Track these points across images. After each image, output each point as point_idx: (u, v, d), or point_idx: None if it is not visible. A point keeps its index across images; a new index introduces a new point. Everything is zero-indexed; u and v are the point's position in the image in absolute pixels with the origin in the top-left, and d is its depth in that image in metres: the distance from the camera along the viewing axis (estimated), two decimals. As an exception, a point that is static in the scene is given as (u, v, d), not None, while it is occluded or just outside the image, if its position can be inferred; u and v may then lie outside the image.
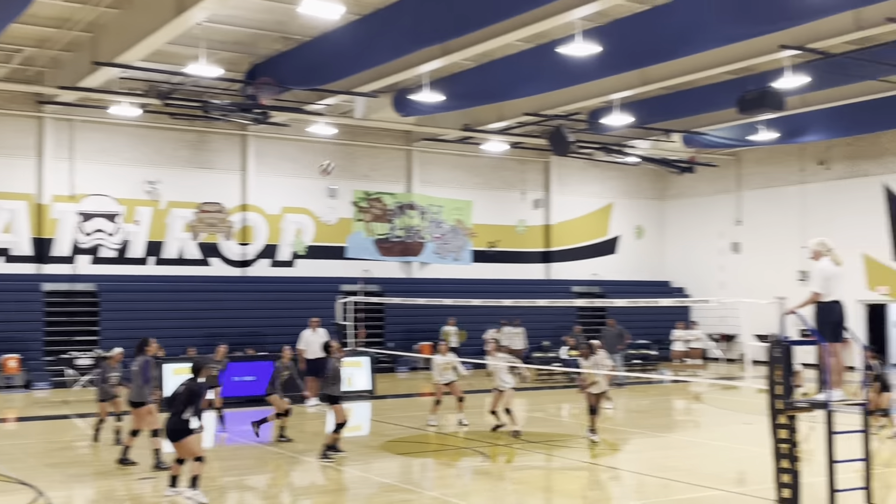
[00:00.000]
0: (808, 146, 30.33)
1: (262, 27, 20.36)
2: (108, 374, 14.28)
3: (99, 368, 14.96)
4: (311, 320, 19.98)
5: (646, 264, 35.07)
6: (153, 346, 12.94)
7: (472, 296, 23.36)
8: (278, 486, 12.17)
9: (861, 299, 28.70)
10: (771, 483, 10.36)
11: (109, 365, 14.36)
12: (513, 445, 14.64)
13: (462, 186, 31.81)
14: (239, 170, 28.06)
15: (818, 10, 15.83)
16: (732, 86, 22.06)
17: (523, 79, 21.24)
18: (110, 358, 14.48)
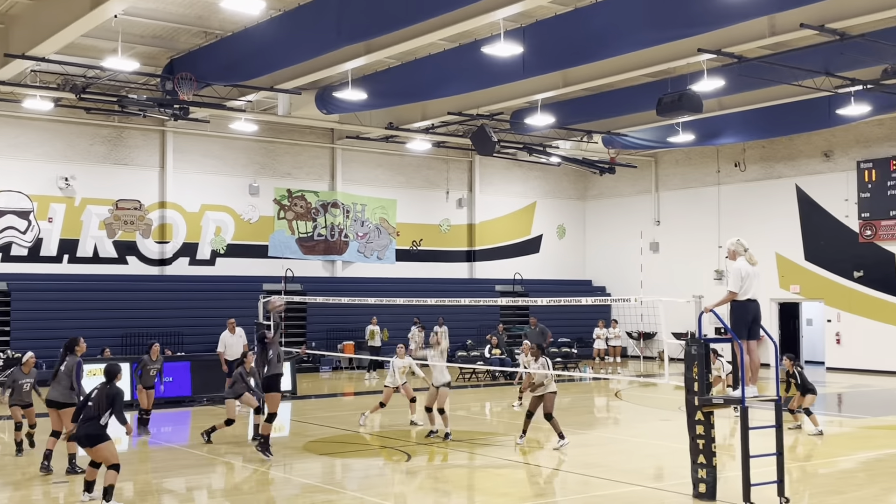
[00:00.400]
0: (724, 148, 31.08)
1: (181, 21, 19.96)
2: (20, 380, 13.79)
3: (9, 371, 14.45)
4: (229, 321, 19.66)
5: (567, 263, 35.50)
6: (83, 346, 12.50)
7: (396, 295, 23.33)
8: (198, 488, 11.95)
9: (774, 298, 29.53)
10: (688, 478, 10.58)
11: (22, 371, 13.84)
12: (436, 444, 14.64)
13: (386, 185, 31.73)
14: (157, 166, 27.50)
15: (734, 15, 16.20)
16: (652, 88, 22.47)
17: (447, 78, 21.28)
18: (23, 364, 13.99)
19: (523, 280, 33.22)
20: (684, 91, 20.30)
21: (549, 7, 18.07)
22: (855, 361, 27.78)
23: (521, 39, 17.95)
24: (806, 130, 27.70)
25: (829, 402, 22.51)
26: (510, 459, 13.60)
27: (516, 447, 14.16)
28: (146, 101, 21.98)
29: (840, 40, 17.57)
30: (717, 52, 18.59)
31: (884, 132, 27.55)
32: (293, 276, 28.20)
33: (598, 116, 26.18)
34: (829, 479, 12.28)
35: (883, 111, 24.26)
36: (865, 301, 27.86)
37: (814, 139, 29.10)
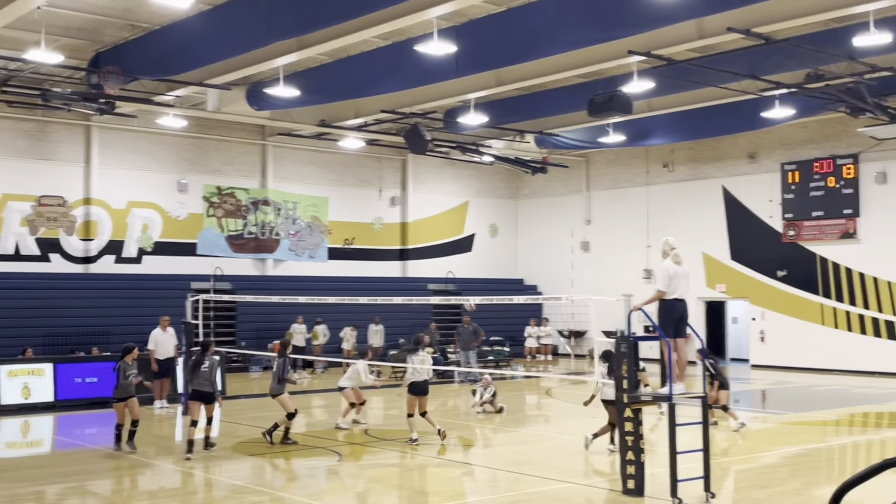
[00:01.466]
0: (654, 149, 31.58)
1: (107, 14, 19.48)
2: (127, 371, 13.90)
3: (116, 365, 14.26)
4: (162, 319, 19.31)
5: (500, 262, 35.69)
6: None
7: (329, 294, 23.16)
8: (124, 490, 11.68)
9: (701, 297, 30.10)
10: (617, 474, 10.71)
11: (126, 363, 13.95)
12: (367, 444, 14.56)
13: (318, 183, 31.49)
14: (82, 162, 26.85)
15: (664, 17, 16.45)
16: (583, 89, 22.69)
17: (380, 76, 21.19)
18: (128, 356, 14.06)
19: (456, 279, 33.27)
20: (615, 92, 20.56)
21: (483, 6, 18.12)
22: (778, 358, 28.48)
23: (454, 38, 17.96)
24: (732, 132, 28.29)
25: (753, 398, 23.03)
26: (442, 458, 13.60)
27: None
28: (71, 95, 21.45)
29: (765, 44, 17.96)
30: (647, 54, 18.85)
31: (807, 135, 28.29)
32: (223, 275, 27.79)
33: (530, 116, 26.35)
34: (753, 473, 12.54)
35: (806, 114, 24.91)
36: (788, 300, 28.57)
37: (740, 141, 29.74)
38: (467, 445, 14.71)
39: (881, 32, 17.02)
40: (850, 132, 26.76)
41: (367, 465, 13.04)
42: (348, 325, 27.34)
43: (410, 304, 24.64)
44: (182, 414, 18.21)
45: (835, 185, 27.50)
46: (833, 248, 27.63)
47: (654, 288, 10.56)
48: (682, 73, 20.24)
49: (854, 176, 27.09)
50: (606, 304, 11.93)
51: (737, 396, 23.22)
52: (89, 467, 12.69)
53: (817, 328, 27.84)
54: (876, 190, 26.75)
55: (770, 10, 16.88)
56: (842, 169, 27.39)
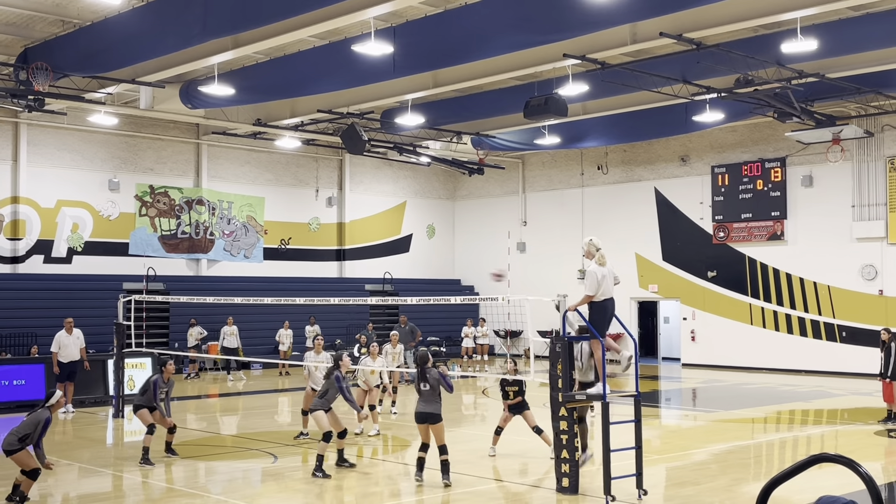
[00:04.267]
0: (588, 151, 31.98)
1: (36, 9, 19.05)
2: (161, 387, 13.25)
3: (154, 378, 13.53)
4: (66, 321, 18.91)
5: (437, 263, 35.77)
6: None
7: (264, 294, 22.98)
8: (54, 495, 11.43)
9: (633, 297, 30.57)
10: (552, 473, 10.84)
11: (162, 379, 13.30)
12: (302, 445, 14.49)
13: (254, 182, 31.19)
14: (9, 159, 26.19)
15: (598, 21, 16.67)
16: (519, 91, 22.89)
17: (317, 75, 21.07)
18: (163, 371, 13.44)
19: (393, 279, 33.26)
20: (550, 95, 20.77)
21: (420, 8, 18.16)
22: (709, 358, 29.07)
23: (391, 39, 17.96)
24: (664, 136, 28.79)
25: (684, 396, 23.48)
26: (376, 458, 13.60)
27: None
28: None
29: (696, 49, 18.33)
30: (582, 57, 19.09)
31: (736, 138, 28.94)
32: (155, 275, 27.34)
33: (467, 118, 26.48)
34: (684, 470, 12.80)
35: (735, 118, 25.50)
36: (718, 300, 29.18)
37: (672, 144, 30.29)
38: (402, 445, 14.74)
39: (808, 39, 17.50)
40: (778, 136, 27.46)
41: (302, 466, 12.97)
42: (281, 326, 27.15)
43: (347, 304, 24.59)
44: (113, 416, 17.91)
45: (763, 188, 28.17)
46: (761, 250, 28.30)
47: (585, 293, 10.69)
48: (615, 76, 20.54)
49: (781, 179, 27.78)
50: (542, 304, 12.06)
51: (669, 395, 23.69)
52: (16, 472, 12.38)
53: (746, 328, 28.48)
54: (802, 193, 27.48)
55: (701, 16, 17.24)
56: (770, 172, 28.06)
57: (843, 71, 20.59)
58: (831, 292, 26.79)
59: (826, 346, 26.78)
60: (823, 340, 26.88)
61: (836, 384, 23.83)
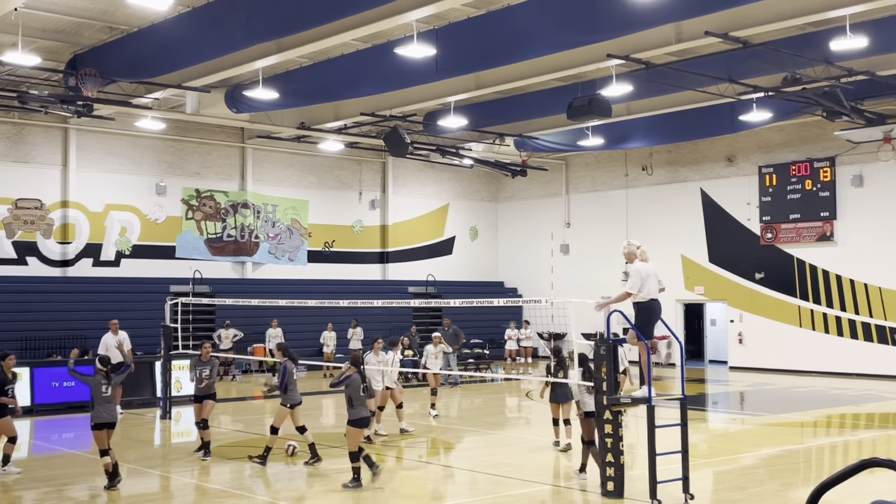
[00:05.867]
0: (633, 152, 31.73)
1: (85, 16, 19.36)
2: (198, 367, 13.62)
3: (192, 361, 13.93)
4: (111, 322, 19.18)
5: (480, 265, 35.72)
6: None
7: (308, 297, 23.07)
8: (102, 495, 11.59)
9: (679, 299, 30.25)
10: (597, 476, 10.74)
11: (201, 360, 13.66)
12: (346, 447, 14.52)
13: (298, 185, 31.41)
14: (59, 164, 26.66)
15: (642, 21, 16.54)
16: (563, 92, 22.77)
17: (360, 78, 21.17)
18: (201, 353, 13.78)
19: (436, 281, 33.28)
20: (594, 95, 20.65)
21: (462, 10, 18.15)
22: (756, 360, 28.67)
23: (434, 41, 17.98)
24: (710, 136, 28.46)
25: (731, 400, 23.18)
26: (421, 461, 13.60)
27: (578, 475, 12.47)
28: (48, 98, 21.30)
29: (743, 48, 18.10)
30: (626, 57, 18.94)
31: (784, 138, 28.51)
32: (202, 278, 27.66)
33: (510, 119, 26.41)
34: (731, 475, 12.62)
35: (783, 117, 25.12)
36: (766, 302, 28.76)
37: (718, 144, 29.93)
38: (447, 448, 14.72)
39: (857, 36, 17.19)
40: (827, 135, 27.00)
41: (347, 468, 13.00)
42: (325, 328, 27.27)
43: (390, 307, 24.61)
44: (162, 418, 18.11)
45: (812, 188, 27.73)
46: (810, 251, 27.84)
47: (624, 289, 10.57)
48: (660, 76, 20.35)
49: (831, 179, 27.32)
50: (586, 306, 11.96)
51: (716, 398, 23.39)
52: (66, 472, 12.59)
53: (795, 330, 28.04)
54: (852, 193, 26.99)
55: (748, 14, 17.01)
56: (819, 172, 27.61)
57: (893, 69, 20.20)
58: (882, 294, 26.27)
59: (876, 349, 26.27)
60: (874, 343, 26.37)
61: (886, 388, 23.37)
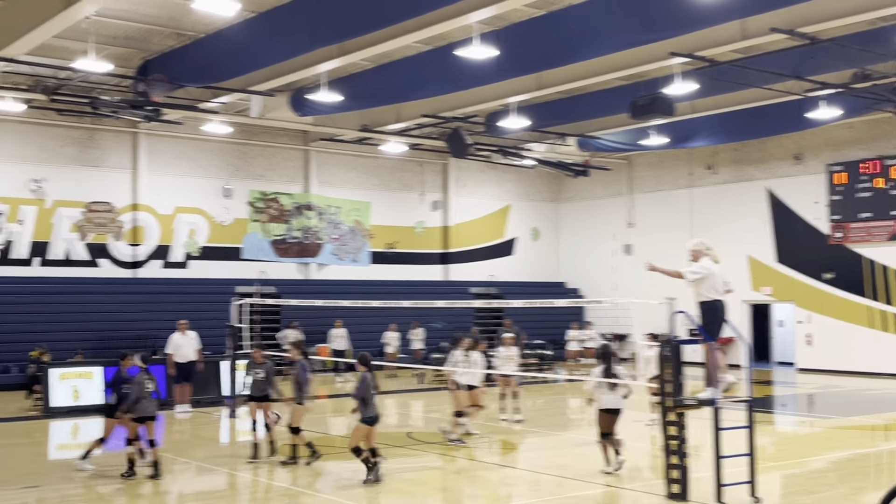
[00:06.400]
0: (697, 151, 31.33)
1: (154, 22, 19.84)
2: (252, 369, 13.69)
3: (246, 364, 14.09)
4: (180, 323, 19.57)
5: (541, 266, 35.61)
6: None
7: (371, 297, 23.27)
8: (171, 492, 11.86)
9: (746, 299, 29.78)
10: (661, 478, 10.65)
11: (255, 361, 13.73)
12: (408, 446, 14.63)
13: (360, 187, 31.69)
14: (129, 168, 27.30)
15: (706, 19, 16.34)
16: (625, 91, 22.60)
17: (422, 80, 21.29)
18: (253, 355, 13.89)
19: (497, 282, 33.28)
20: (657, 94, 20.46)
21: (524, 10, 18.14)
22: (825, 362, 28.07)
23: (495, 42, 17.99)
24: (777, 133, 27.97)
25: (799, 402, 22.75)
26: (485, 462, 13.63)
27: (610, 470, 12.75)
28: (118, 103, 21.83)
29: (810, 44, 17.76)
30: (690, 55, 18.74)
31: (853, 135, 27.88)
32: (267, 279, 28.09)
33: (572, 119, 26.29)
34: (800, 479, 12.41)
35: (852, 114, 24.55)
36: (835, 302, 28.15)
37: (784, 142, 29.39)
38: (510, 449, 14.72)
39: (929, 31, 16.76)
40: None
41: (409, 467, 13.10)
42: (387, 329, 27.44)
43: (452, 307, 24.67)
44: (229, 416, 18.41)
45: (882, 186, 27.07)
46: (881, 250, 27.17)
47: (682, 269, 10.48)
48: (725, 74, 20.07)
49: (902, 176, 26.65)
50: (649, 307, 11.87)
51: (784, 400, 22.98)
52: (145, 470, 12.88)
53: (865, 331, 27.40)
54: (925, 191, 26.29)
55: (815, 10, 16.69)
56: (889, 170, 26.95)
57: (968, 62, 19.63)
58: (958, 295, 25.54)
59: (952, 351, 25.54)
60: (949, 345, 25.65)
61: (963, 391, 22.70)
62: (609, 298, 30.11)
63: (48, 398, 18.70)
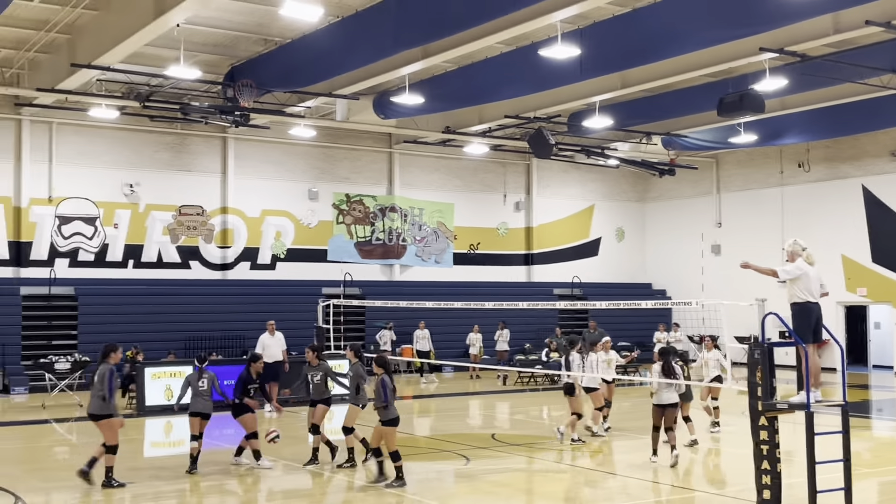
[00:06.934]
0: (788, 148, 30.53)
1: (241, 29, 20.27)
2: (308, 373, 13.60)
3: None
4: (269, 323, 19.88)
5: (627, 266, 35.18)
6: (117, 356, 12.01)
7: (454, 299, 23.33)
8: (259, 490, 12.07)
9: (840, 301, 28.88)
10: (752, 484, 10.39)
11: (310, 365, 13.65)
12: (493, 448, 14.60)
13: (443, 189, 31.80)
14: (219, 172, 27.93)
15: (797, 13, 15.92)
16: (712, 88, 22.17)
17: (504, 81, 21.25)
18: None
19: (582, 283, 33.00)
20: (746, 91, 20.01)
21: (607, 8, 17.94)
22: (925, 366, 27.04)
23: (578, 41, 17.85)
24: (872, 129, 27.07)
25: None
26: (569, 464, 13.51)
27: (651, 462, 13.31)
28: (208, 109, 22.36)
29: (907, 37, 17.15)
30: (780, 50, 18.28)
31: (954, 130, 26.80)
32: (352, 280, 28.41)
33: (657, 118, 25.92)
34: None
35: (953, 109, 23.60)
36: (936, 304, 27.11)
37: (881, 138, 28.41)
38: (596, 452, 14.57)
39: None
40: None
41: (495, 469, 13.07)
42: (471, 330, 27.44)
43: (536, 309, 24.56)
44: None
45: None
46: None
47: (777, 268, 10.18)
48: (817, 69, 19.52)
49: None
50: (738, 308, 11.61)
51: (881, 405, 22.21)
52: (227, 466, 13.16)
53: (968, 334, 26.31)
54: None
55: (912, 1, 16.11)
56: None
57: None
58: None
59: None
60: None
61: None
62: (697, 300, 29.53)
63: (142, 397, 19.24)
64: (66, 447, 15.85)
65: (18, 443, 16.17)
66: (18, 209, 24.96)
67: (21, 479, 12.13)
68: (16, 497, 10.98)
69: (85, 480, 11.52)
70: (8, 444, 16.05)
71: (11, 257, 24.90)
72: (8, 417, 19.18)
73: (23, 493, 11.16)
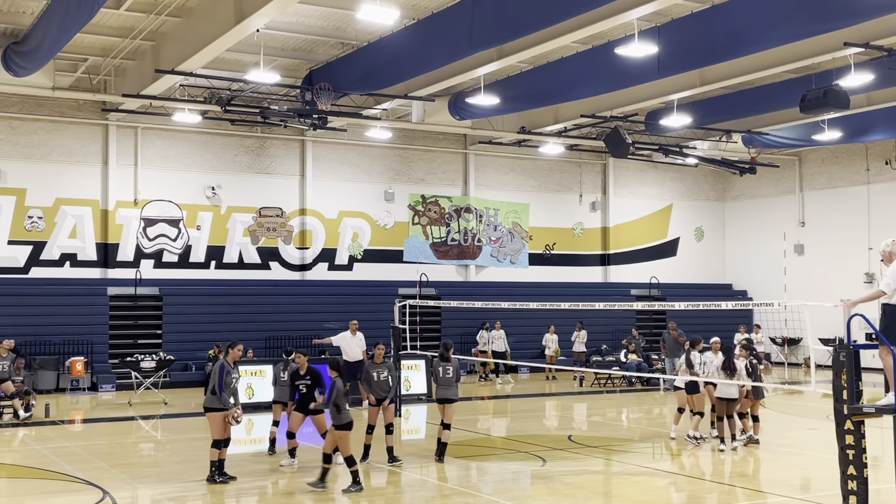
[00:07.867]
0: (874, 145, 29.65)
1: (319, 33, 20.57)
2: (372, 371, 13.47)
3: None
4: (351, 323, 20.08)
5: (706, 267, 34.60)
6: (235, 352, 12.12)
7: (530, 299, 23.27)
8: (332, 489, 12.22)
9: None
10: (836, 490, 10.13)
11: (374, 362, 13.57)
12: (570, 450, 14.53)
13: (518, 189, 31.73)
14: (297, 175, 28.36)
15: (883, 6, 15.45)
16: (794, 85, 21.68)
17: (580, 80, 21.11)
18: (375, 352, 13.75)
19: (660, 284, 32.57)
20: (830, 87, 19.51)
21: (685, 5, 17.70)
22: None
23: (655, 39, 17.63)
24: (964, 124, 26.09)
25: None
26: (648, 467, 13.36)
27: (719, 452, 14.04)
28: (287, 112, 22.73)
29: None
30: (865, 45, 17.78)
31: None
32: (428, 281, 28.55)
33: (737, 115, 25.44)
34: None
35: None
36: None
37: (973, 133, 27.39)
38: (675, 455, 14.38)
39: None
40: None
41: (572, 471, 13.00)
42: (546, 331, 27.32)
43: (613, 310, 24.33)
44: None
45: None
46: None
47: (879, 287, 9.88)
48: (905, 63, 18.91)
49: None
50: (823, 310, 11.32)
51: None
52: (306, 465, 13.36)
53: None
54: None
55: None
56: None
57: None
58: None
59: None
60: None
61: None
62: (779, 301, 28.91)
63: (225, 395, 19.60)
64: (152, 444, 16.29)
65: (105, 439, 16.67)
66: (105, 212, 25.75)
67: (108, 475, 12.50)
68: (104, 492, 11.32)
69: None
70: (95, 440, 16.57)
71: (99, 259, 25.69)
72: (96, 414, 19.79)
73: (110, 488, 11.51)
